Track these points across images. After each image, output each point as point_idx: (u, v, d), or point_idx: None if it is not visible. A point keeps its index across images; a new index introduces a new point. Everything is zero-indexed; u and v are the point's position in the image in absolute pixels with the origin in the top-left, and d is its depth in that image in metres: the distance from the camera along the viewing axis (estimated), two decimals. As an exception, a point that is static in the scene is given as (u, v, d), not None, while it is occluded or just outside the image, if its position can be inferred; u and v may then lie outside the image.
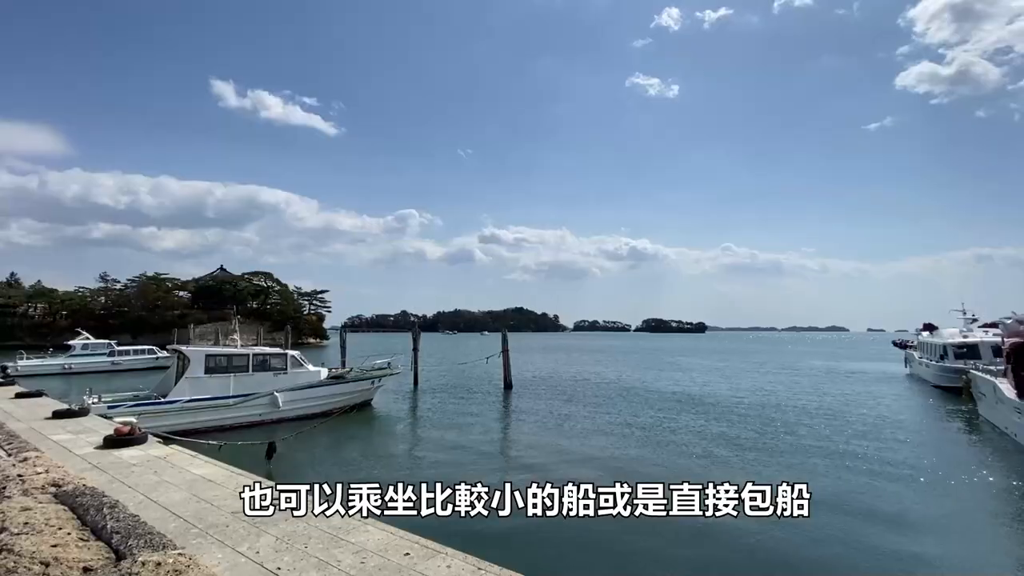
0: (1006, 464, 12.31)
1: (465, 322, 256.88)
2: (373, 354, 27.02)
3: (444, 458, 12.72)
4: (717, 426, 17.29)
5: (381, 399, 21.80)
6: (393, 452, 13.63)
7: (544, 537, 7.81)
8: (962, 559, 7.39)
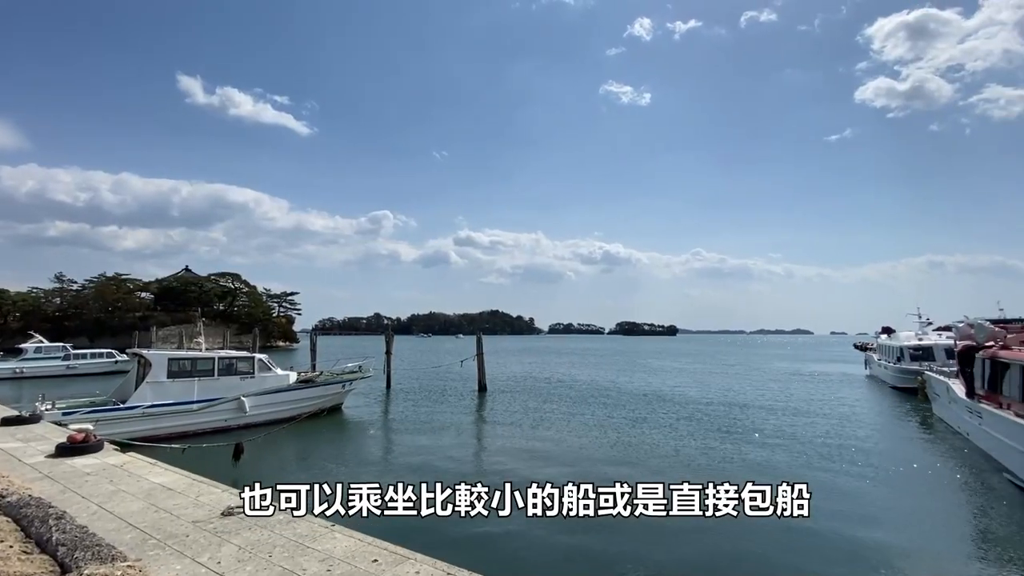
0: (958, 461, 12.89)
1: (440, 325, 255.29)
2: (344, 357, 26.54)
3: (414, 461, 12.57)
4: (687, 426, 17.62)
5: (352, 403, 21.43)
6: (363, 455, 13.38)
7: (515, 540, 7.80)
8: (917, 549, 7.69)
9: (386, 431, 16.84)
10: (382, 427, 17.43)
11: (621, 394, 26.41)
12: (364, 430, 16.92)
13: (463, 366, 28.38)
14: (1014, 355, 12.36)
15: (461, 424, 17.64)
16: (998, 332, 15.32)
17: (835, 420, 18.91)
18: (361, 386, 22.62)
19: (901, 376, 26.96)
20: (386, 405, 22.06)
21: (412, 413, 19.79)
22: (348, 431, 17.02)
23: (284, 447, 14.31)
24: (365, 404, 21.87)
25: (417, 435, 15.75)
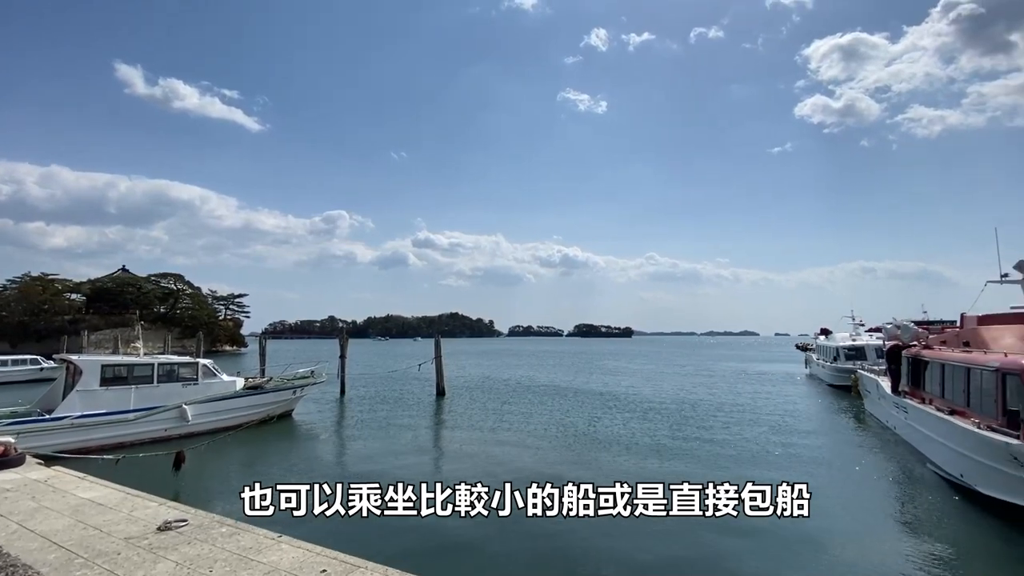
0: (887, 453, 13.84)
1: (398, 328, 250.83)
2: (296, 362, 25.65)
3: (368, 469, 12.27)
4: (640, 424, 18.10)
5: (304, 409, 20.74)
6: (313, 464, 12.94)
7: (469, 547, 7.78)
8: (850, 536, 8.20)
9: (339, 437, 16.39)
10: (335, 433, 16.95)
11: (579, 395, 26.80)
12: (315, 437, 16.40)
13: (421, 370, 28.00)
14: (934, 354, 13.41)
15: (418, 429, 17.40)
16: (921, 333, 16.58)
17: (777, 417, 19.90)
18: (313, 392, 21.92)
19: (837, 375, 28.66)
20: (340, 411, 21.48)
21: (367, 418, 19.34)
22: (298, 438, 16.44)
23: (230, 455, 13.67)
24: (317, 410, 21.21)
25: (371, 441, 15.41)
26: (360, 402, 23.77)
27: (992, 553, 7.65)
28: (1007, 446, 7.98)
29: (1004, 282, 13.12)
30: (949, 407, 11.35)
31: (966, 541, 8.13)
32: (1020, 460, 7.78)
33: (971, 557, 7.54)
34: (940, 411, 11.50)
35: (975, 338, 12.21)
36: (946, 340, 14.46)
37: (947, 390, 11.84)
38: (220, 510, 7.78)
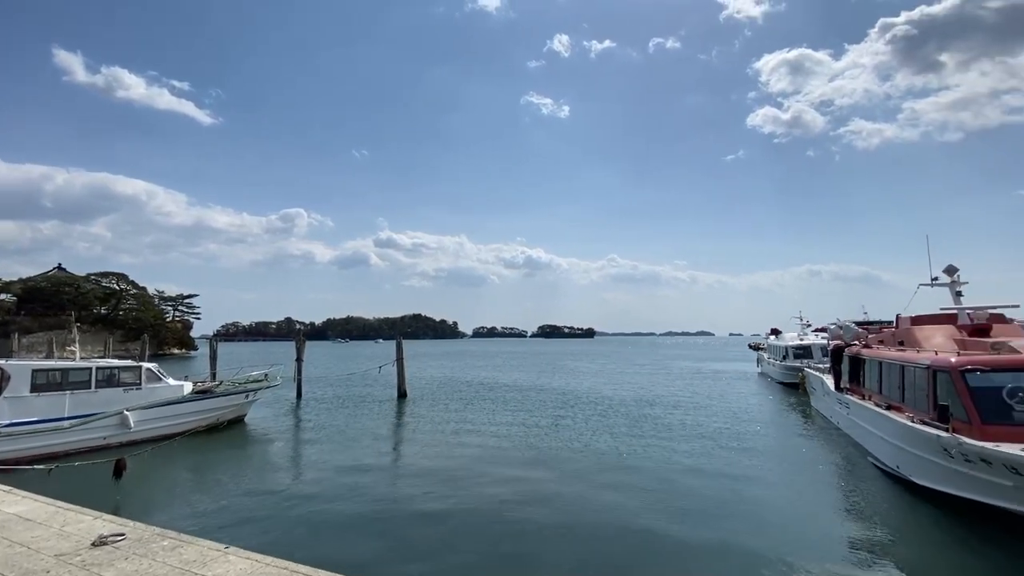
0: (831, 447, 14.56)
1: (358, 329, 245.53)
2: (249, 365, 24.69)
3: (323, 476, 11.92)
4: (601, 423, 18.39)
5: (257, 414, 19.98)
6: (266, 471, 12.42)
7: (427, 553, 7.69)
8: (795, 525, 8.59)
9: (294, 443, 15.84)
10: (290, 439, 16.38)
11: (541, 395, 26.96)
12: (269, 442, 15.80)
13: (381, 372, 27.47)
14: (872, 353, 14.23)
15: (378, 432, 17.05)
16: (861, 333, 17.57)
17: (730, 414, 20.64)
18: (267, 396, 21.16)
19: (786, 373, 29.99)
20: (296, 415, 20.81)
21: (325, 423, 18.81)
22: (250, 444, 15.80)
23: (176, 463, 13.01)
24: (272, 415, 20.48)
25: (328, 445, 14.97)
26: (317, 406, 23.11)
27: (925, 538, 8.18)
28: (938, 439, 8.54)
29: (934, 285, 14.07)
30: (886, 403, 12.05)
31: (902, 527, 8.65)
32: (950, 451, 8.35)
33: (906, 541, 8.03)
34: (878, 406, 12.20)
35: (909, 337, 13.03)
36: (883, 339, 15.37)
37: (884, 387, 12.57)
38: (163, 522, 7.40)
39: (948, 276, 13.60)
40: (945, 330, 12.28)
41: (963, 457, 8.05)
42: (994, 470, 7.51)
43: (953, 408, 8.71)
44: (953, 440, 8.09)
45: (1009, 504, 7.62)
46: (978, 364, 8.79)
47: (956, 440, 8.02)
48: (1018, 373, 8.43)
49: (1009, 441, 7.45)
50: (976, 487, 8.09)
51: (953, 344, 11.13)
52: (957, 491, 8.56)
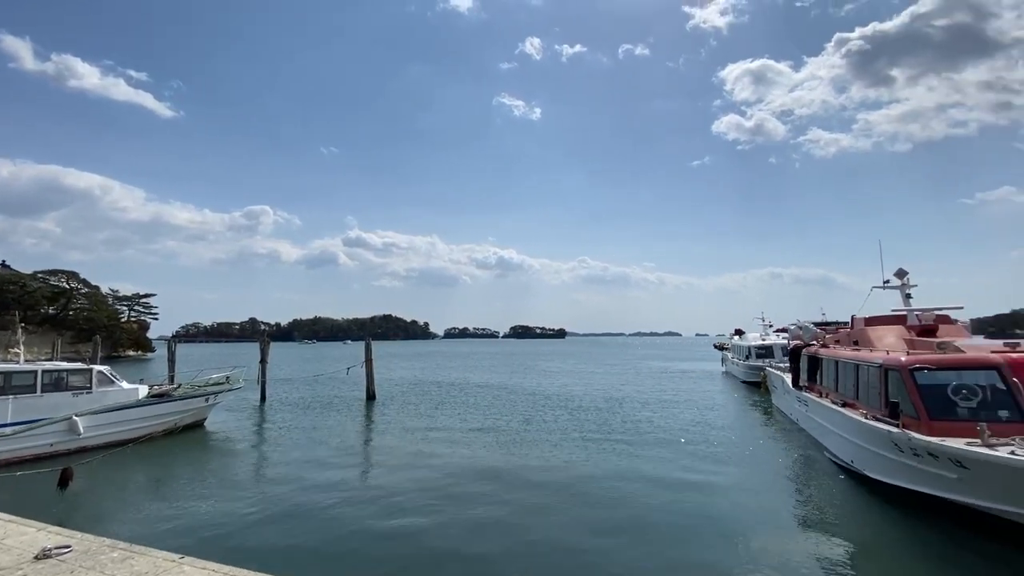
0: (791, 443, 15.08)
1: (326, 330, 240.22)
2: (210, 367, 23.84)
3: (286, 482, 11.57)
4: (571, 422, 18.55)
5: (218, 418, 19.31)
6: (226, 477, 11.96)
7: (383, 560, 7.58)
8: (755, 515, 8.88)
9: (258, 447, 15.35)
10: (253, 443, 15.86)
11: (513, 396, 26.97)
12: (230, 447, 15.27)
13: (349, 373, 26.94)
14: (829, 352, 14.80)
15: (346, 435, 16.69)
16: (819, 333, 18.27)
17: (696, 411, 21.16)
18: (229, 399, 20.48)
19: (749, 372, 30.90)
20: (260, 418, 20.19)
21: (290, 426, 18.31)
22: (210, 449, 15.23)
23: (129, 470, 12.42)
24: (234, 419, 19.81)
25: (294, 450, 14.55)
26: (283, 409, 22.49)
27: (875, 527, 8.56)
28: (889, 434, 8.95)
29: (886, 288, 14.75)
30: (842, 400, 12.55)
31: (855, 517, 9.03)
32: (900, 446, 8.75)
33: (858, 530, 8.38)
34: (834, 404, 12.68)
35: (863, 337, 13.62)
36: (839, 339, 16.02)
37: (840, 385, 13.10)
38: (113, 532, 7.06)
39: (898, 279, 14.29)
40: (896, 330, 12.89)
41: (912, 452, 8.45)
42: (940, 463, 7.91)
43: (903, 405, 9.13)
44: (903, 435, 8.48)
45: (954, 495, 8.04)
46: (925, 363, 9.24)
47: (906, 435, 8.41)
48: (961, 371, 8.90)
49: (954, 436, 7.86)
50: (924, 480, 8.51)
51: (903, 344, 11.68)
52: (907, 484, 8.98)
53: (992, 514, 7.62)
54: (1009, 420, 8.00)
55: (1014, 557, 7.05)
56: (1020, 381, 8.28)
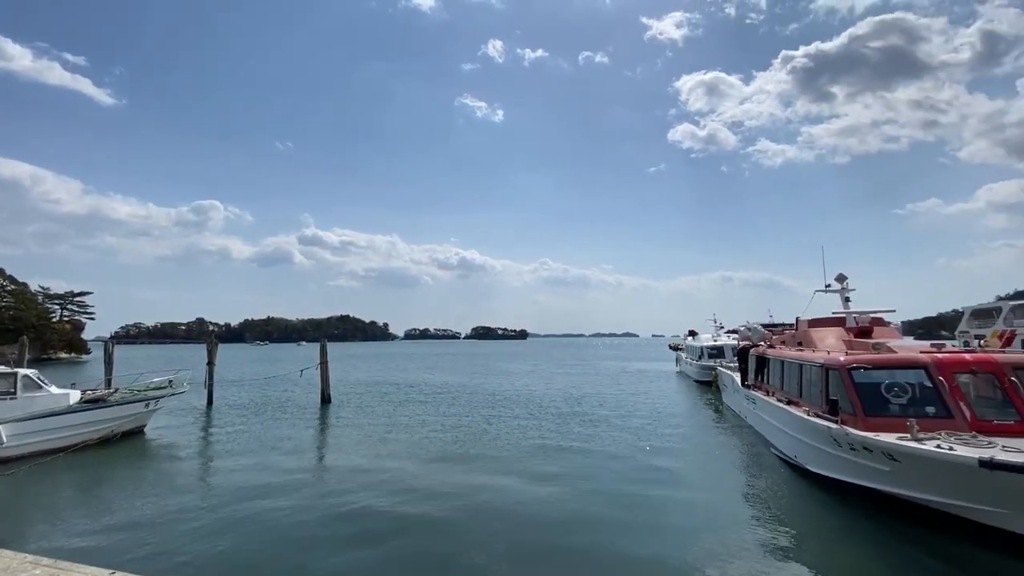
0: (739, 440, 15.67)
1: (280, 331, 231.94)
2: (152, 370, 22.56)
3: (232, 490, 11.03)
4: (531, 420, 18.67)
5: (161, 424, 18.28)
6: (165, 487, 11.18)
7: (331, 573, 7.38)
8: (705, 504, 9.19)
9: (203, 455, 14.57)
10: (198, 450, 15.05)
11: (474, 397, 26.84)
12: (172, 455, 14.43)
13: (303, 376, 26.12)
14: (775, 352, 15.50)
15: (299, 440, 16.08)
16: (766, 334, 19.11)
17: (651, 411, 21.70)
18: (172, 404, 19.47)
19: (701, 371, 31.95)
20: (206, 424, 19.23)
21: (239, 431, 17.51)
22: (149, 458, 14.33)
23: (58, 481, 11.55)
24: (177, 425, 18.79)
25: (242, 457, 13.90)
26: (231, 413, 21.51)
27: (815, 518, 9.03)
28: (828, 430, 9.45)
29: (828, 291, 15.61)
30: (786, 398, 13.16)
31: (797, 509, 9.51)
32: (839, 441, 9.25)
33: (800, 521, 8.82)
34: (779, 402, 13.28)
35: (806, 339, 14.34)
36: (784, 340, 16.81)
37: (785, 383, 13.73)
38: (38, 548, 6.56)
39: (839, 283, 15.15)
40: (836, 332, 13.64)
41: (849, 446, 8.95)
42: (874, 457, 8.41)
43: (841, 402, 9.66)
44: (841, 431, 8.98)
45: (886, 487, 8.57)
46: (862, 362, 9.81)
47: (844, 431, 8.90)
48: (893, 370, 9.50)
49: (887, 431, 8.37)
50: (860, 473, 9.02)
51: (842, 345, 12.37)
52: (844, 476, 9.50)
53: (919, 503, 8.17)
54: (935, 416, 8.59)
55: (938, 542, 7.57)
56: (945, 380, 8.92)
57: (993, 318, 33.56)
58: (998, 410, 8.59)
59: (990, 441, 7.49)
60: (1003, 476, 6.51)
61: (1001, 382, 8.76)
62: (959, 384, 8.90)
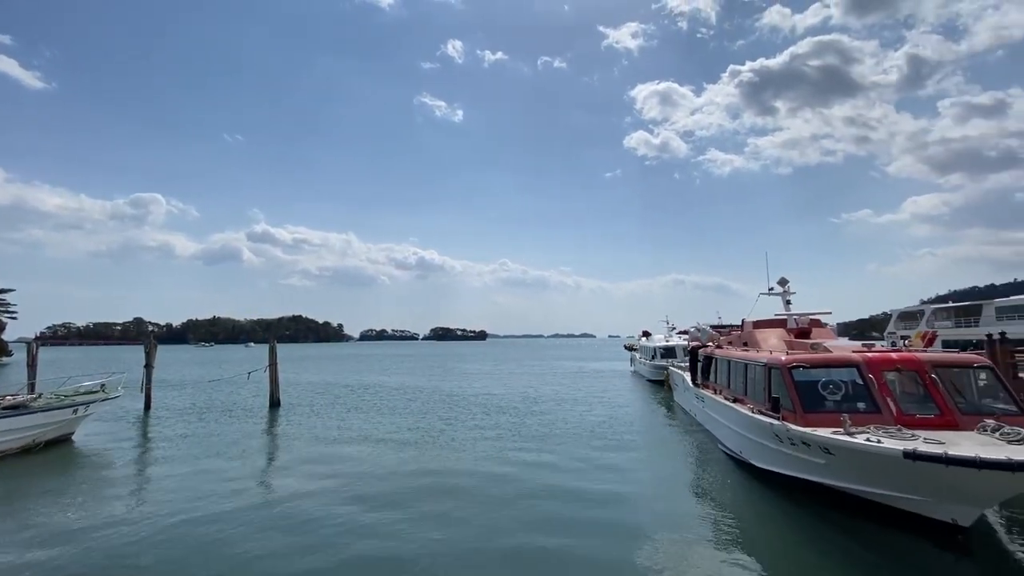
0: (689, 436, 16.21)
1: (227, 332, 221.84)
2: (82, 373, 21.01)
3: (167, 502, 10.39)
4: (488, 420, 18.69)
5: (91, 431, 17.07)
6: (92, 500, 10.29)
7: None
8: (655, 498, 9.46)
9: (138, 464, 13.60)
10: (133, 460, 14.04)
11: (431, 398, 26.51)
12: (104, 465, 13.43)
13: (251, 378, 25.04)
14: (722, 352, 16.12)
15: (246, 446, 15.26)
16: (715, 335, 19.86)
17: (605, 409, 22.20)
18: (105, 409, 18.22)
19: (654, 371, 32.89)
20: (143, 431, 18.07)
21: (180, 438, 16.53)
22: (76, 468, 13.23)
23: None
24: (110, 432, 17.57)
25: (180, 466, 13.02)
26: (171, 419, 20.32)
27: (758, 510, 9.47)
28: (771, 426, 9.90)
29: (771, 294, 16.40)
30: (733, 396, 13.71)
31: (740, 501, 9.92)
32: (780, 437, 9.70)
33: (744, 515, 9.19)
34: (726, 400, 13.83)
35: (751, 339, 15.00)
36: (731, 341, 17.52)
37: (731, 382, 14.30)
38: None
39: (781, 287, 15.95)
40: (778, 333, 14.34)
41: (789, 441, 9.41)
42: (812, 451, 8.88)
43: (783, 400, 10.14)
44: (782, 427, 9.42)
45: (823, 479, 9.05)
46: (801, 361, 10.34)
47: (784, 427, 9.35)
48: (829, 369, 10.08)
49: (823, 426, 8.86)
50: (799, 466, 9.50)
51: (784, 345, 13.00)
52: (786, 470, 9.98)
53: (853, 494, 8.68)
54: (866, 411, 9.17)
55: (869, 529, 8.08)
56: (874, 377, 9.53)
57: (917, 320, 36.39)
58: (920, 405, 9.25)
59: (913, 434, 8.04)
60: (924, 466, 7.01)
61: (923, 379, 9.45)
62: (887, 381, 9.53)
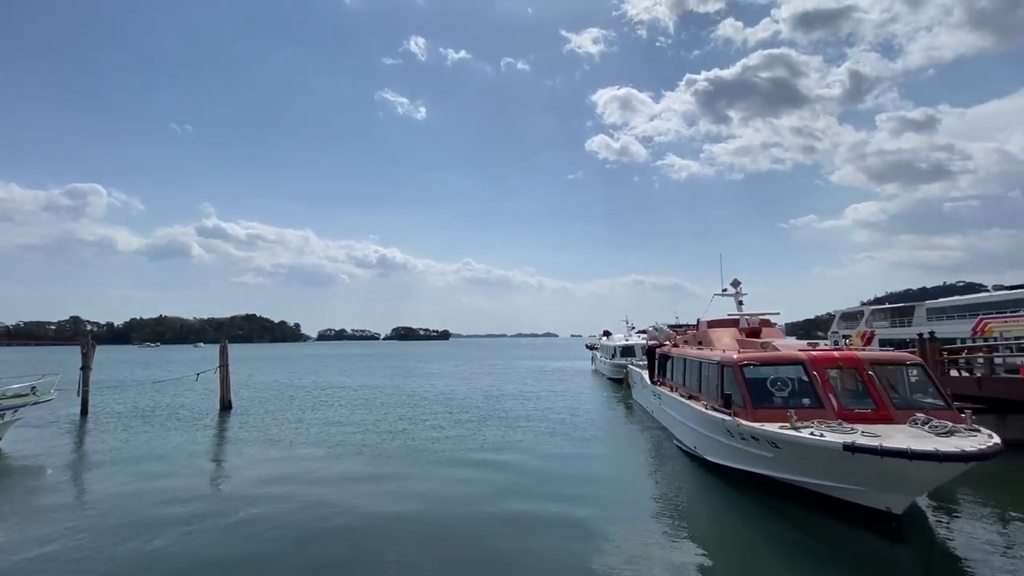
0: (646, 432, 16.64)
1: (174, 332, 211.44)
2: (10, 375, 19.54)
3: (106, 515, 9.74)
4: (449, 420, 18.58)
5: (20, 437, 15.89)
6: (19, 513, 9.59)
7: None
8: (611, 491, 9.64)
9: (73, 473, 12.67)
10: (67, 468, 13.06)
11: (391, 399, 26.08)
12: (34, 474, 12.49)
13: (199, 380, 23.93)
14: (678, 351, 16.61)
15: (193, 453, 14.42)
16: (671, 334, 20.44)
17: (566, 406, 22.55)
18: (36, 414, 17.03)
19: (614, 369, 33.56)
20: (79, 437, 16.95)
21: (120, 445, 15.54)
22: (3, 477, 12.30)
23: None
24: (41, 438, 16.41)
25: (119, 474, 12.16)
26: (110, 423, 19.16)
27: (711, 504, 9.83)
28: (723, 422, 10.27)
29: (725, 295, 17.02)
30: (688, 393, 14.14)
31: (694, 495, 10.26)
32: (731, 432, 10.08)
33: (697, 506, 9.60)
34: (681, 397, 14.26)
35: (705, 338, 15.51)
36: (687, 340, 18.08)
37: (687, 380, 14.75)
38: None
39: (734, 288, 16.59)
40: (731, 332, 14.89)
41: (740, 436, 9.79)
42: (760, 445, 9.27)
43: (734, 396, 10.55)
44: (733, 422, 9.80)
45: (770, 472, 9.47)
46: (751, 360, 10.78)
47: (736, 422, 9.73)
48: (778, 367, 10.55)
49: (771, 421, 9.26)
50: (749, 460, 9.90)
51: (736, 344, 13.51)
52: (737, 464, 10.38)
53: (798, 486, 9.12)
54: (811, 407, 9.64)
55: (812, 518, 8.51)
56: (818, 374, 10.04)
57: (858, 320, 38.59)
58: (859, 400, 9.82)
59: (852, 427, 8.52)
60: (861, 458, 7.44)
61: (861, 376, 10.02)
62: (829, 378, 10.05)
